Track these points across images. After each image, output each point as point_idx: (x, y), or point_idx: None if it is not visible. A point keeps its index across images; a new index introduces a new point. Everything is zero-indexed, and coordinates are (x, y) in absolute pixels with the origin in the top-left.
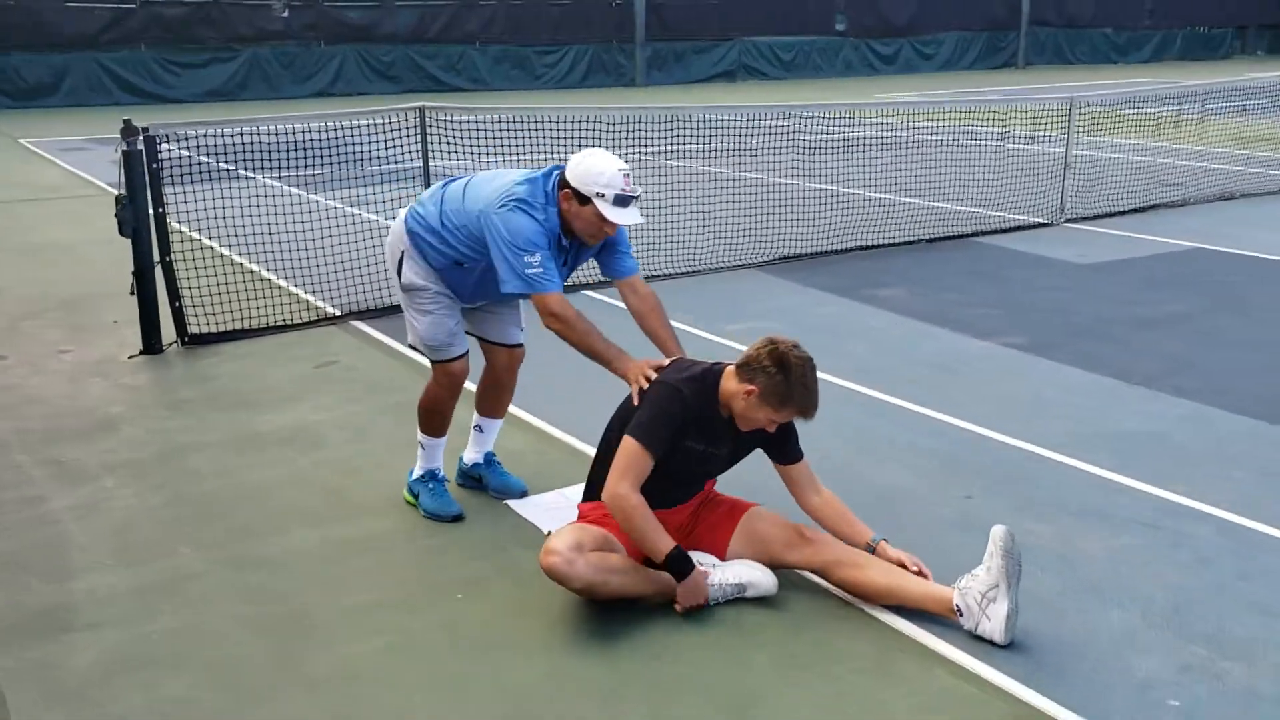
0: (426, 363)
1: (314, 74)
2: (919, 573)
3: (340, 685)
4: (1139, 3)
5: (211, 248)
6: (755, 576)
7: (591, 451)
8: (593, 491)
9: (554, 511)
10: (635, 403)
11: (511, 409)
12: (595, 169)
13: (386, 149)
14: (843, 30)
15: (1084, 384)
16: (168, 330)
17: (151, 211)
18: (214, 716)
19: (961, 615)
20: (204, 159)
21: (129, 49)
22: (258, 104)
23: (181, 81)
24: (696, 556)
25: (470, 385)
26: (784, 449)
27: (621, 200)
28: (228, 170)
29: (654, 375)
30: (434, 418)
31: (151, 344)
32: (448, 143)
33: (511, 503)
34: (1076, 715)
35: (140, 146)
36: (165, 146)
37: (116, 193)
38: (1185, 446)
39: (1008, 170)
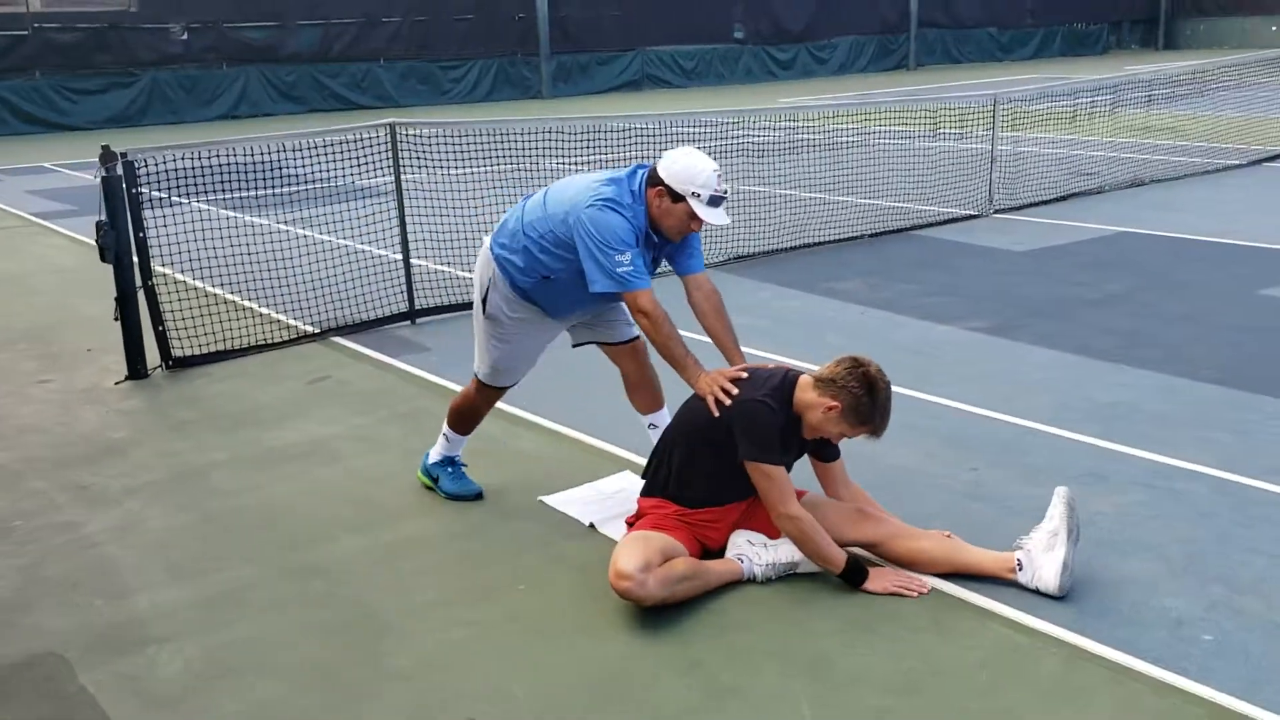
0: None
1: (217, 97)
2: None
3: (431, 674)
4: (1021, 3)
5: (165, 274)
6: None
7: (604, 446)
8: (653, 487)
9: (590, 505)
10: (714, 414)
11: (520, 413)
12: (693, 168)
13: (346, 168)
14: (741, 38)
15: (1051, 361)
16: (150, 355)
17: (132, 236)
18: (318, 714)
19: (1020, 569)
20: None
21: (23, 77)
22: (160, 129)
23: (79, 109)
24: (747, 535)
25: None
26: (829, 449)
27: (714, 200)
28: (161, 198)
29: (731, 389)
30: (466, 420)
31: (137, 369)
32: (417, 158)
33: (546, 499)
34: (1124, 654)
35: (119, 171)
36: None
37: (98, 218)
38: (1161, 413)
39: (939, 166)
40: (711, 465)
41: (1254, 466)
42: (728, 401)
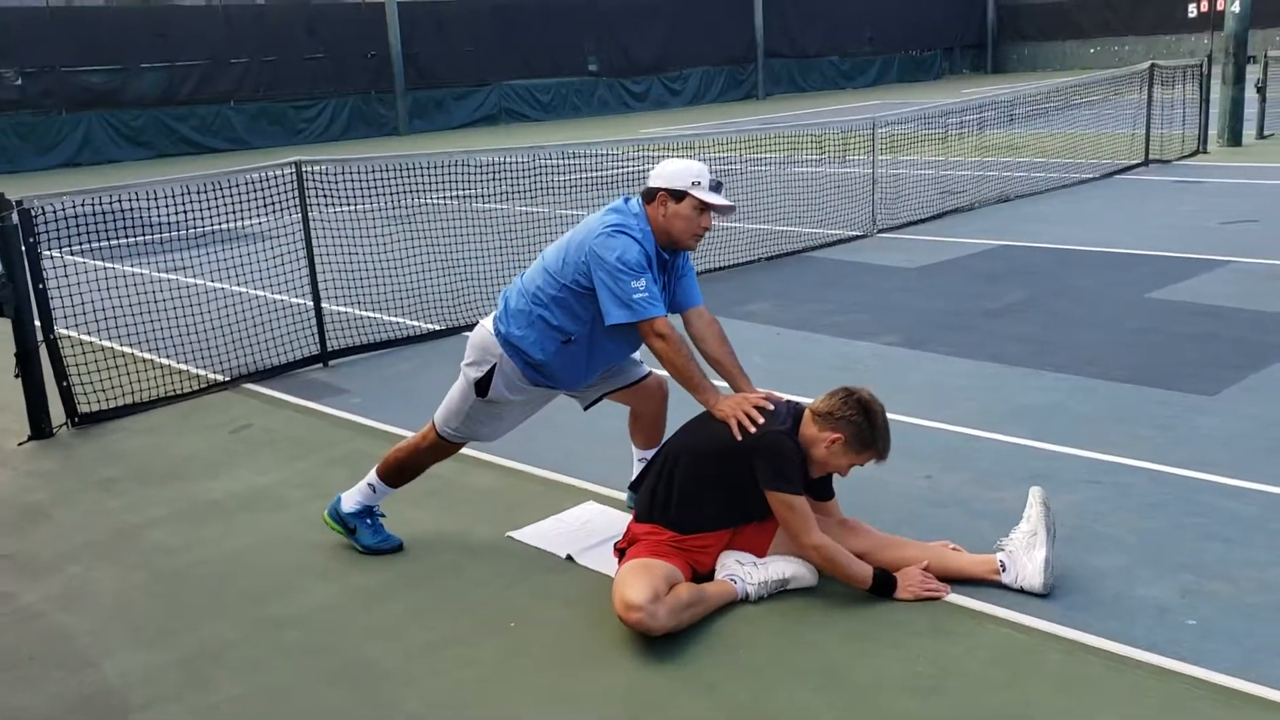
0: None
1: (57, 144)
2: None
3: (448, 715)
4: (859, 32)
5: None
6: (797, 571)
7: (561, 478)
8: (650, 511)
9: (560, 536)
10: (738, 437)
11: (468, 451)
12: (683, 166)
13: (241, 210)
14: (595, 71)
15: (971, 370)
16: (54, 412)
17: (31, 289)
18: None
19: (1004, 570)
20: None
21: None
22: None
23: None
24: (735, 555)
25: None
26: (824, 488)
27: (715, 186)
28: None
29: (756, 417)
30: (405, 473)
31: (41, 428)
32: (322, 197)
33: (514, 534)
34: (1120, 644)
35: (15, 221)
36: None
37: None
38: (1085, 413)
39: (824, 190)
40: (716, 489)
41: (1183, 457)
42: (752, 429)
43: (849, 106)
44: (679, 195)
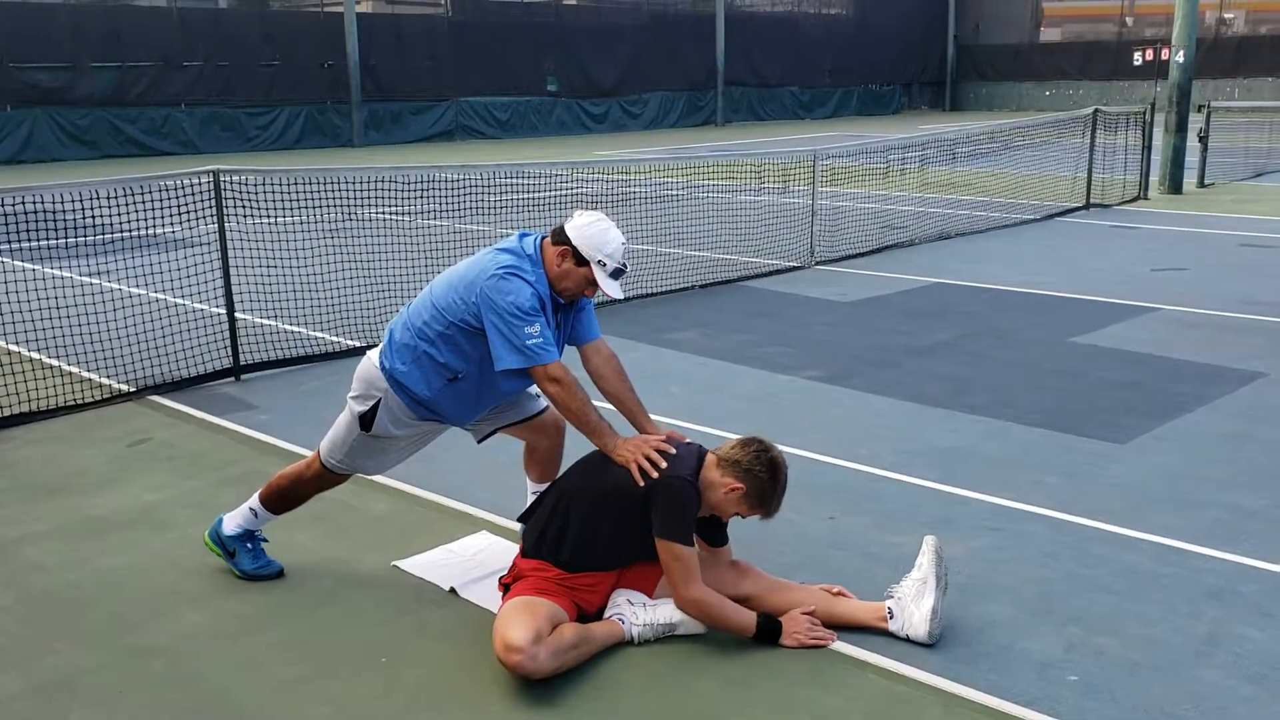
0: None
1: (0, 140)
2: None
3: None
4: (820, 64)
5: None
6: (685, 616)
7: (457, 505)
8: (539, 548)
9: (448, 568)
10: (639, 483)
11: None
12: (605, 237)
13: (160, 217)
14: (554, 91)
15: (888, 409)
16: None
17: None
18: None
19: (892, 618)
20: None
21: None
22: None
23: None
24: (627, 595)
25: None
26: (719, 534)
27: (616, 273)
28: None
29: (658, 461)
30: (288, 501)
31: None
32: (241, 207)
33: (400, 563)
34: (999, 699)
35: None
36: None
37: None
38: (995, 457)
39: (764, 220)
40: (612, 531)
41: (1085, 506)
42: (654, 474)
43: (805, 137)
44: (582, 260)
